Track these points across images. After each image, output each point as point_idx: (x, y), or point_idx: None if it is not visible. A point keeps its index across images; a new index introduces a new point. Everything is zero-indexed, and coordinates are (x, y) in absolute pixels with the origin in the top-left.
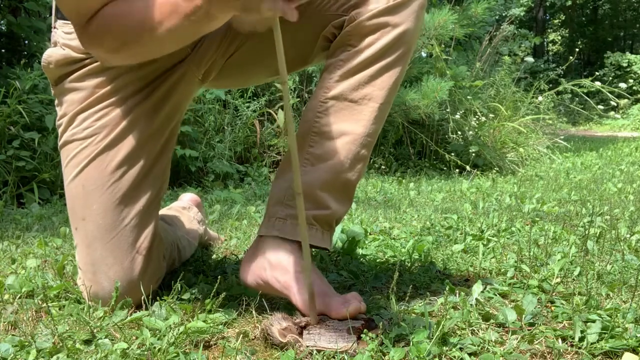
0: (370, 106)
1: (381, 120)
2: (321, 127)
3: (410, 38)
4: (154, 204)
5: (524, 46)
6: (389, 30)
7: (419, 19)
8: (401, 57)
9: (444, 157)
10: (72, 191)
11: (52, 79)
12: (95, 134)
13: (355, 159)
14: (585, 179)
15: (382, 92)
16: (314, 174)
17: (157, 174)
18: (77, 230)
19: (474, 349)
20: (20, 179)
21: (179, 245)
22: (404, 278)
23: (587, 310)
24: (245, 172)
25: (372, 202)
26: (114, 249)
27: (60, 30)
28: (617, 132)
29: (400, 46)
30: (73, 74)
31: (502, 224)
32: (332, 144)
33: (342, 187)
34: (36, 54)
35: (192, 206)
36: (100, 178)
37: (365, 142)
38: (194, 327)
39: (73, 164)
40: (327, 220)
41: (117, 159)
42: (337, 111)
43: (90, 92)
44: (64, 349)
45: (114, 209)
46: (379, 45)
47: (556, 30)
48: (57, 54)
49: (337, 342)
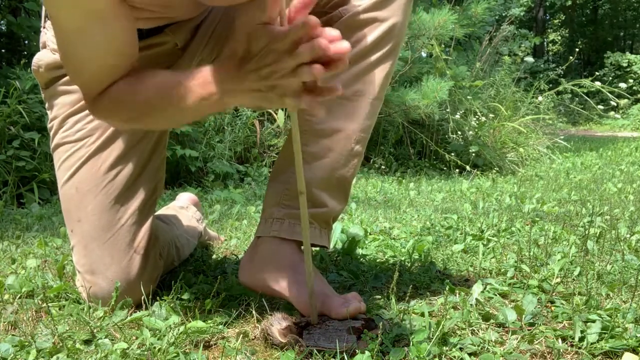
0: (363, 102)
1: (374, 115)
2: (314, 125)
3: (399, 32)
4: (149, 203)
5: (524, 46)
6: (377, 25)
7: (407, 12)
8: (391, 51)
9: (444, 157)
10: (66, 194)
11: (42, 82)
12: (88, 137)
13: (349, 156)
14: (585, 179)
15: (374, 87)
16: (309, 173)
17: (151, 172)
18: (73, 233)
19: (474, 349)
20: (20, 179)
21: (177, 244)
22: (404, 278)
23: (587, 310)
24: (245, 172)
25: (372, 202)
26: (111, 249)
27: (50, 33)
28: (617, 132)
29: (389, 40)
30: (64, 77)
31: (502, 224)
32: (326, 141)
33: (338, 184)
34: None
35: (190, 205)
36: (94, 179)
37: (359, 138)
38: (194, 327)
39: (65, 167)
40: (325, 218)
41: (109, 160)
42: (330, 108)
43: (81, 95)
44: (64, 349)
45: (109, 209)
46: (368, 40)
47: (556, 30)
48: (47, 58)
49: (337, 342)
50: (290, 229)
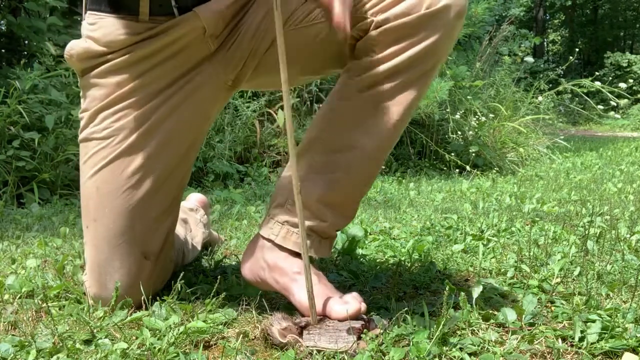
0: (386, 122)
1: (394, 138)
2: (329, 136)
3: (441, 51)
4: (168, 211)
5: (524, 46)
6: (417, 42)
7: (454, 31)
8: (426, 73)
9: (444, 157)
10: (87, 190)
11: (77, 70)
12: (114, 136)
13: (361, 177)
14: (585, 179)
15: (400, 108)
16: (314, 185)
17: (175, 182)
18: (87, 229)
19: (474, 349)
20: (20, 179)
21: (185, 250)
22: (404, 278)
23: (587, 310)
24: (245, 172)
25: (372, 202)
26: (121, 254)
27: (86, 22)
28: (617, 132)
29: (426, 60)
30: (96, 69)
31: (502, 224)
32: (339, 156)
33: (343, 202)
34: (36, 54)
35: (199, 208)
36: (115, 182)
37: (374, 159)
38: (194, 327)
39: (90, 164)
40: (325, 231)
41: (133, 165)
42: (348, 122)
43: (111, 90)
44: (64, 349)
45: (125, 215)
46: (404, 56)
47: (556, 30)
48: (78, 47)
49: (337, 342)
50: (287, 237)
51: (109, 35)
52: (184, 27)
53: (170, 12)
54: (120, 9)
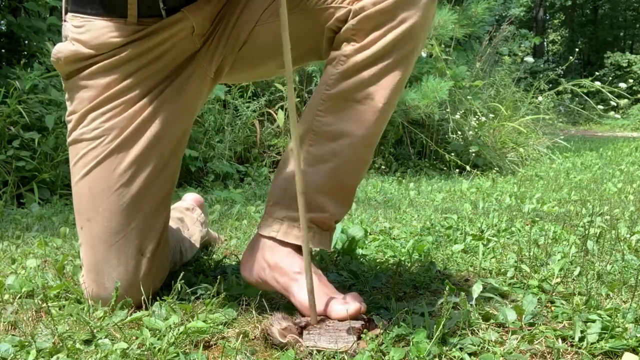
0: (373, 107)
1: (383, 122)
2: (321, 127)
3: (418, 34)
4: (161, 207)
5: (524, 46)
6: (395, 26)
7: (429, 14)
8: (407, 55)
9: (444, 157)
10: (79, 191)
11: (62, 73)
12: (104, 136)
13: (355, 162)
14: (585, 179)
15: (386, 92)
16: (312, 176)
17: (167, 177)
18: (82, 230)
19: (474, 349)
20: (20, 179)
21: (182, 249)
22: (404, 278)
23: (587, 310)
24: (245, 172)
25: (372, 202)
26: (118, 252)
27: (70, 24)
28: (617, 132)
29: (407, 43)
30: (83, 71)
31: (502, 224)
32: (332, 145)
33: (341, 190)
34: (36, 54)
35: (195, 207)
36: (108, 181)
37: (366, 145)
38: (194, 327)
39: (81, 165)
40: (325, 222)
41: (125, 163)
42: (338, 110)
43: (99, 91)
44: (64, 349)
45: (120, 213)
46: (384, 42)
47: (556, 30)
48: (66, 50)
49: (337, 342)
50: (289, 232)
51: (97, 38)
52: (173, 27)
53: (158, 14)
54: (108, 12)
